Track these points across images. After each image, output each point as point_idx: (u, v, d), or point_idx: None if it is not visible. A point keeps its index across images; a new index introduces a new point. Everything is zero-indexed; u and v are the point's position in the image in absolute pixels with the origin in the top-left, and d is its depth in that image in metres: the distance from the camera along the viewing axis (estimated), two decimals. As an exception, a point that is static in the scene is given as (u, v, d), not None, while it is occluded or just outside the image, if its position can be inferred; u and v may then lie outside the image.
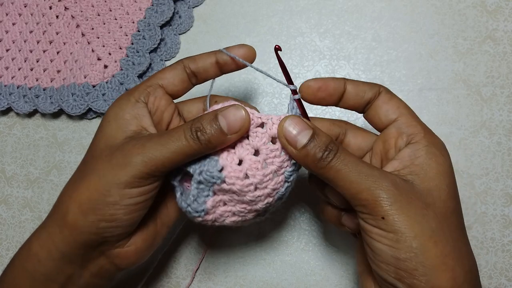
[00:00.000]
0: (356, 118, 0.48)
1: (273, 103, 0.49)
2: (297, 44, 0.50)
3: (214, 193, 0.34)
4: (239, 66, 0.38)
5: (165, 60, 0.52)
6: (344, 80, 0.36)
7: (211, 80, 0.39)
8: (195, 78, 0.39)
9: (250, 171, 0.33)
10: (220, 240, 0.47)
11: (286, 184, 0.35)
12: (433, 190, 0.31)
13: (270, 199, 0.35)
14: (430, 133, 0.34)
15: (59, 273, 0.33)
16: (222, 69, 0.38)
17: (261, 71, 0.37)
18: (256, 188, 0.33)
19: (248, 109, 0.34)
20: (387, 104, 0.35)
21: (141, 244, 0.35)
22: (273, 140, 0.34)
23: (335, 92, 0.36)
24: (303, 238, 0.46)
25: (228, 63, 0.38)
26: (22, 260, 0.34)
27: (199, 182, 0.33)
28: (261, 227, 0.47)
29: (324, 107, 0.49)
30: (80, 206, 0.32)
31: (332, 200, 0.36)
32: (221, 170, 0.33)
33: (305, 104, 0.36)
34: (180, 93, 0.39)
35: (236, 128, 0.33)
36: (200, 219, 0.35)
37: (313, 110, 0.49)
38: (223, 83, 0.50)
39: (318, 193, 0.37)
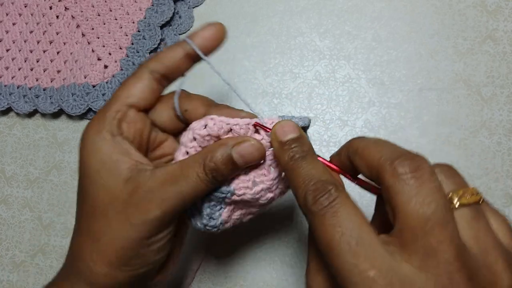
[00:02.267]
0: (357, 118, 0.48)
1: (273, 103, 0.49)
2: (297, 44, 0.50)
3: (227, 204, 0.33)
4: (211, 49, 0.33)
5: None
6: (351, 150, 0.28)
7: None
8: (166, 80, 0.34)
9: (258, 178, 0.32)
10: (220, 240, 0.47)
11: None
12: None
13: (284, 194, 0.34)
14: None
15: None
16: (196, 59, 0.33)
17: (216, 71, 0.33)
18: (268, 192, 0.33)
19: (240, 118, 0.31)
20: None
21: (172, 265, 0.35)
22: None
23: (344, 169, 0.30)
24: (303, 238, 0.46)
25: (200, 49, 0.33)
26: None
27: (210, 201, 0.32)
28: (261, 227, 0.47)
29: (324, 108, 0.49)
30: (111, 266, 0.30)
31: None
32: (228, 184, 0.32)
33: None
34: (153, 104, 0.34)
35: (254, 160, 0.31)
36: (219, 231, 0.34)
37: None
38: (223, 83, 0.50)
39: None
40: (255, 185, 0.32)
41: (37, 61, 0.52)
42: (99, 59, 0.50)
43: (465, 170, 0.46)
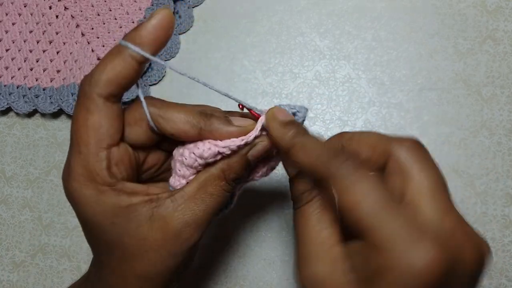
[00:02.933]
0: (357, 118, 0.48)
1: (273, 103, 0.49)
2: (297, 44, 0.50)
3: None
4: (164, 38, 0.27)
5: (165, 60, 0.52)
6: (341, 141, 0.29)
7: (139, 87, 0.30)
8: (120, 96, 0.28)
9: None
10: (220, 240, 0.47)
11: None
12: None
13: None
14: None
15: None
16: (144, 60, 0.27)
17: (172, 68, 0.29)
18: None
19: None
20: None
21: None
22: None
23: None
24: (303, 238, 0.46)
25: (150, 42, 0.27)
26: None
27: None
28: (261, 227, 0.47)
29: (324, 108, 0.49)
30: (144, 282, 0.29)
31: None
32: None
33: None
34: (122, 128, 0.29)
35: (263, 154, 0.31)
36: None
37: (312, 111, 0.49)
38: (223, 83, 0.50)
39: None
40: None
41: (37, 61, 0.52)
42: (98, 59, 0.50)
43: (465, 170, 0.46)
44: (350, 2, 0.51)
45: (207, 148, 0.29)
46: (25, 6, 0.53)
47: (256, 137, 0.30)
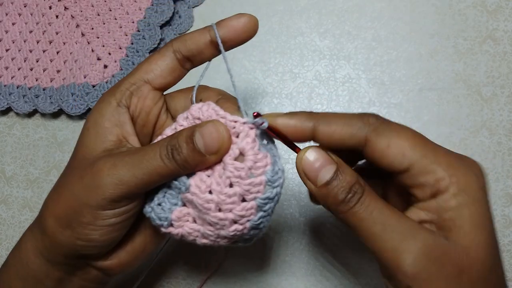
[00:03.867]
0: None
1: (273, 103, 0.49)
2: (297, 44, 0.50)
3: (183, 204, 0.31)
4: (240, 41, 0.32)
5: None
6: (313, 119, 0.29)
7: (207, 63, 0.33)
8: (189, 63, 0.33)
9: (216, 186, 0.29)
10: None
11: (261, 214, 0.30)
12: (470, 247, 0.26)
13: (240, 227, 0.29)
14: (456, 169, 0.27)
15: (47, 276, 0.32)
16: (219, 49, 0.32)
17: (228, 68, 0.32)
18: (218, 209, 0.29)
19: (224, 118, 0.30)
20: (387, 154, 0.27)
21: (125, 257, 0.33)
22: (241, 154, 0.29)
23: (300, 136, 0.30)
24: (303, 238, 0.46)
25: (226, 40, 0.31)
26: (14, 261, 0.33)
27: (168, 188, 0.30)
28: (261, 227, 0.47)
29: (324, 108, 0.49)
30: (57, 220, 0.30)
31: None
32: (188, 177, 0.30)
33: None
34: (171, 84, 0.33)
35: (214, 148, 0.28)
36: (163, 229, 0.31)
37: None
38: (223, 82, 0.50)
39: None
40: (209, 191, 0.29)
41: (37, 61, 0.52)
42: (98, 59, 0.50)
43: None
44: (350, 2, 0.51)
45: (205, 108, 0.30)
46: (25, 6, 0.53)
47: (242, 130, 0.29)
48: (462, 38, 0.48)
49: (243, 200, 0.29)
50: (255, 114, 0.29)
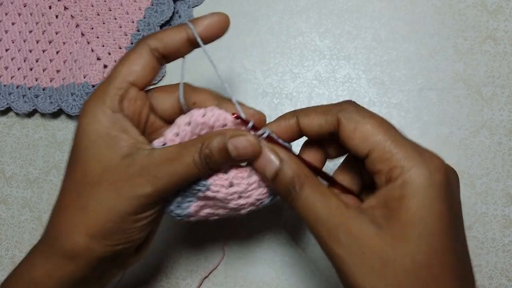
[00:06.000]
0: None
1: (273, 103, 0.49)
2: (297, 44, 0.50)
3: (198, 199, 0.33)
4: (213, 39, 0.34)
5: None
6: (295, 114, 0.32)
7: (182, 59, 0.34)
8: (165, 60, 0.34)
9: (236, 180, 0.32)
10: (219, 241, 0.47)
11: (271, 197, 0.34)
12: (401, 241, 0.27)
13: (254, 207, 0.34)
14: (411, 161, 0.28)
15: None
16: (195, 45, 0.34)
17: (212, 63, 0.34)
18: (240, 197, 0.33)
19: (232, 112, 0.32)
20: (353, 137, 0.29)
21: (147, 245, 0.36)
22: None
23: (291, 134, 0.33)
24: (303, 238, 0.46)
25: (201, 37, 0.33)
26: None
27: (185, 189, 0.32)
28: (261, 227, 0.47)
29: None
30: (92, 237, 0.30)
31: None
32: (206, 178, 0.32)
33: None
34: (151, 82, 0.34)
35: (247, 156, 0.31)
36: (183, 221, 0.34)
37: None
38: (223, 83, 0.50)
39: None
40: (231, 185, 0.32)
41: (37, 61, 0.52)
42: (98, 59, 0.50)
43: (465, 170, 0.46)
44: (350, 1, 0.51)
45: (210, 113, 0.32)
46: (24, 6, 0.53)
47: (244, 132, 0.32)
48: (462, 38, 0.48)
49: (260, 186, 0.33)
50: (235, 116, 0.32)
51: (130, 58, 0.33)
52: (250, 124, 0.32)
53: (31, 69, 0.52)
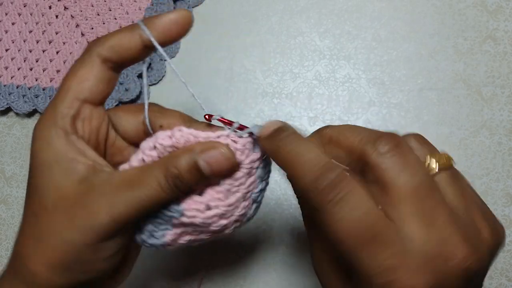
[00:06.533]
0: (357, 118, 0.48)
1: (273, 103, 0.49)
2: (297, 44, 0.50)
3: (174, 226, 0.29)
4: (172, 41, 0.29)
5: (165, 60, 0.52)
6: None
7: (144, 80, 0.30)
8: (121, 67, 0.30)
9: (213, 202, 0.28)
10: (219, 241, 0.47)
11: (255, 205, 0.31)
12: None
13: (238, 224, 0.31)
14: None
15: None
16: (152, 48, 0.29)
17: (173, 67, 0.30)
18: (221, 218, 0.29)
19: (214, 131, 0.28)
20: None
21: (125, 270, 0.33)
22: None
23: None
24: (303, 238, 0.46)
25: (157, 40, 0.28)
26: None
27: (156, 217, 0.29)
28: (260, 228, 0.47)
29: (324, 108, 0.49)
30: (52, 268, 0.28)
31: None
32: (179, 203, 0.28)
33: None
34: (109, 93, 0.30)
35: (223, 171, 0.28)
36: (161, 249, 0.31)
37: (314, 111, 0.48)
38: (223, 82, 0.50)
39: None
40: (208, 209, 0.28)
41: (37, 61, 0.52)
42: (98, 59, 0.50)
43: (465, 170, 0.46)
44: (350, 1, 0.51)
45: (178, 134, 0.28)
46: (24, 6, 0.53)
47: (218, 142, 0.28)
48: (462, 38, 0.48)
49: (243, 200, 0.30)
50: (206, 116, 0.30)
51: (78, 72, 0.29)
52: (235, 125, 0.29)
53: (31, 69, 0.52)
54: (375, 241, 0.23)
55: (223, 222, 0.29)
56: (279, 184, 0.47)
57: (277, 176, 0.47)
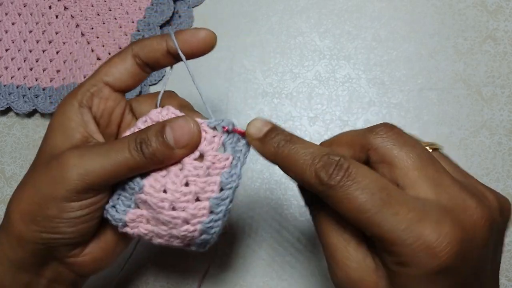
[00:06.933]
0: (357, 118, 0.48)
1: (273, 103, 0.49)
2: (297, 44, 0.50)
3: (137, 206, 0.31)
4: (195, 56, 0.33)
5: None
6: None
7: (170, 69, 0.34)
8: (149, 68, 0.34)
9: (169, 185, 0.30)
10: (219, 240, 0.47)
11: (212, 216, 0.30)
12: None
13: (191, 228, 0.30)
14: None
15: (14, 281, 0.31)
16: (177, 57, 0.33)
17: (192, 75, 0.33)
18: (172, 208, 0.30)
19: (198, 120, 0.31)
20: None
21: (99, 253, 0.33)
22: (201, 156, 0.30)
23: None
24: (303, 238, 0.46)
25: (183, 51, 0.32)
26: None
27: (122, 190, 0.31)
28: (260, 228, 0.47)
29: (324, 108, 0.49)
30: (22, 217, 0.30)
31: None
32: (143, 177, 0.30)
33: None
34: (131, 87, 0.34)
35: (184, 142, 0.30)
36: (120, 229, 0.32)
37: (314, 111, 0.48)
38: (223, 82, 0.50)
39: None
40: (163, 191, 0.30)
41: (37, 61, 0.52)
42: (98, 59, 0.50)
43: (465, 170, 0.45)
44: (350, 1, 0.51)
45: (165, 111, 0.32)
46: (24, 6, 0.53)
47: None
48: (462, 38, 0.48)
49: (197, 200, 0.30)
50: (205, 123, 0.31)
51: (113, 60, 0.33)
52: (217, 119, 0.31)
53: (31, 69, 0.52)
54: (391, 202, 0.24)
55: (174, 213, 0.30)
56: (279, 184, 0.47)
57: (277, 176, 0.47)
